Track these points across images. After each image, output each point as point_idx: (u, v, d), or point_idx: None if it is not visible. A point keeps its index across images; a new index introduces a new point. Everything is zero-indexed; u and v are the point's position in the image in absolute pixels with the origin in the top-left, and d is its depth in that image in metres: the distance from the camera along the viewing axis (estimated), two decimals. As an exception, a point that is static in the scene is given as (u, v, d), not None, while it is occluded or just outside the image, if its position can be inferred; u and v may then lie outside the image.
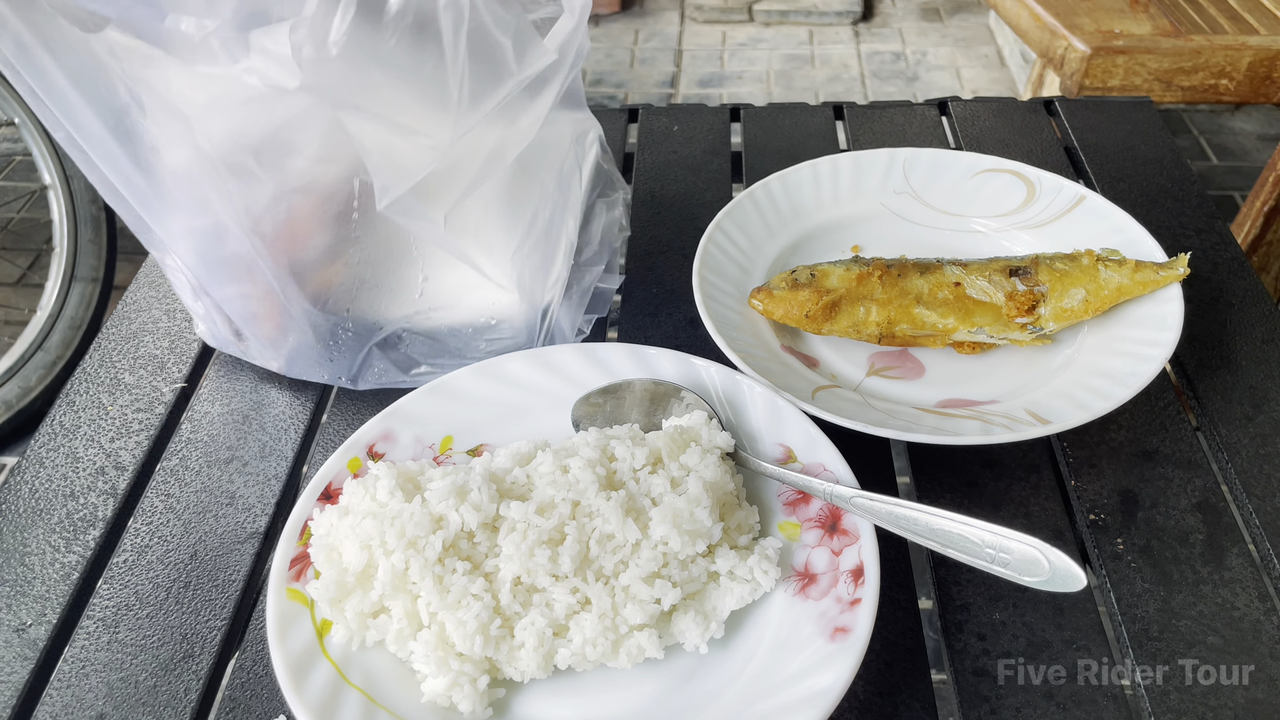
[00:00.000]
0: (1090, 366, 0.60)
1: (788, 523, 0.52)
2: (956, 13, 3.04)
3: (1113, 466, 0.58)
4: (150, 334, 0.71)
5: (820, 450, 0.53)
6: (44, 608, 0.53)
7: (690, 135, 0.90)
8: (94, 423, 0.64)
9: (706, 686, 0.46)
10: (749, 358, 0.58)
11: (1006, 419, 0.57)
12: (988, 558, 0.45)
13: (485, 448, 0.57)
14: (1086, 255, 0.63)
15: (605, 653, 0.46)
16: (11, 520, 0.58)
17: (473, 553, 0.48)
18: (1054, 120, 0.90)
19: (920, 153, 0.77)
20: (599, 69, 2.81)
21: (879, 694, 0.48)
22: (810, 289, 0.63)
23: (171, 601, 0.53)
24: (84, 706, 0.48)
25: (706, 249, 0.68)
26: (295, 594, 0.48)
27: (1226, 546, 0.53)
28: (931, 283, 0.63)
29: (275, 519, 0.58)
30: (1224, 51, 1.30)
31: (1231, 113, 2.41)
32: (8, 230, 2.15)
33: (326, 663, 0.46)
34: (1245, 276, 0.71)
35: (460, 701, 0.45)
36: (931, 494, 0.57)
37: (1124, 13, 1.41)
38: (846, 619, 0.46)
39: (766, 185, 0.74)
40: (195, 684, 0.49)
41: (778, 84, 2.72)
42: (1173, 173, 0.82)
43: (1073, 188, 0.72)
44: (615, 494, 0.49)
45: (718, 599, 0.48)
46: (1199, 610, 0.50)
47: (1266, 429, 0.59)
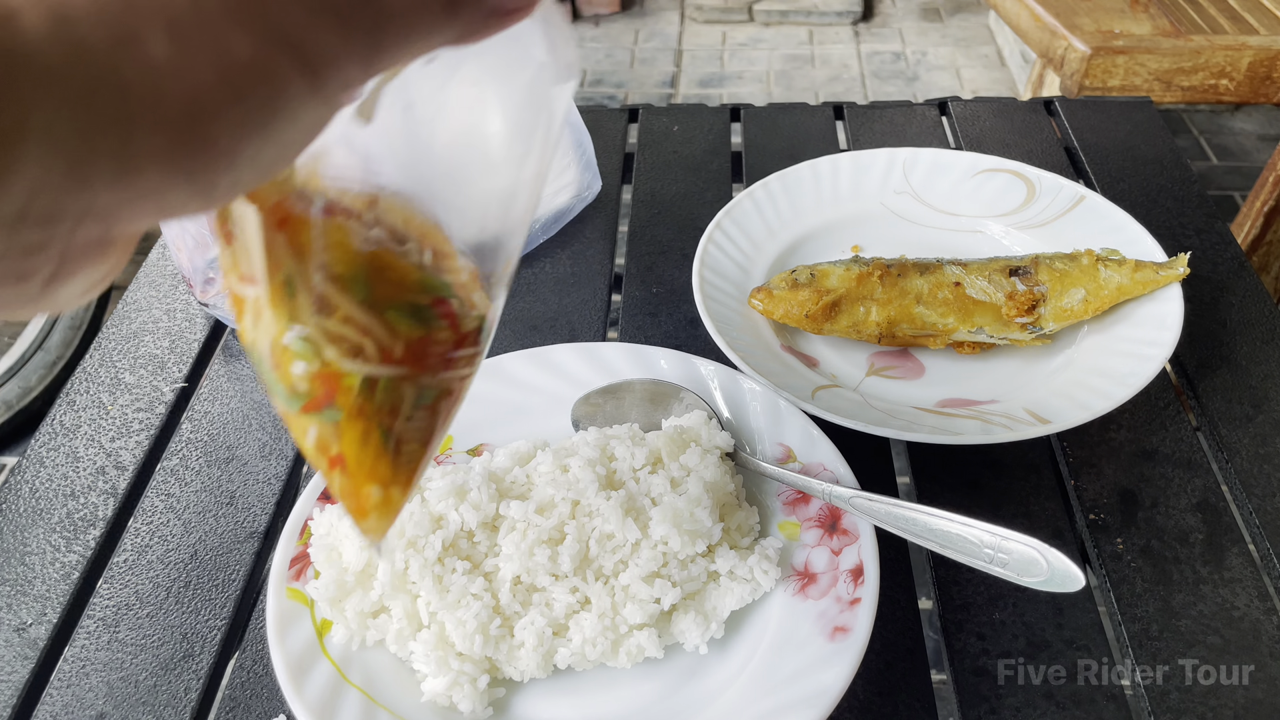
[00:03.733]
0: (1090, 366, 0.60)
1: (787, 522, 0.52)
2: (956, 13, 3.04)
3: (1113, 466, 0.58)
4: (150, 334, 0.71)
5: (820, 450, 0.53)
6: (44, 607, 0.53)
7: (690, 135, 0.90)
8: (94, 422, 0.64)
9: (706, 686, 0.46)
10: (749, 358, 0.58)
11: (1006, 419, 0.57)
12: (986, 558, 0.45)
13: (485, 447, 0.57)
14: (1086, 255, 0.63)
15: (605, 652, 0.46)
16: (12, 520, 0.58)
17: (472, 552, 0.48)
18: (1054, 120, 0.90)
19: (920, 153, 0.77)
20: (599, 69, 2.81)
21: (879, 694, 0.48)
22: (810, 289, 0.63)
23: (172, 601, 0.53)
24: (84, 706, 0.49)
25: (706, 249, 0.68)
26: (295, 593, 0.48)
27: (1226, 546, 0.53)
28: (931, 282, 0.63)
29: (275, 519, 0.58)
30: (1224, 51, 1.30)
31: (1231, 113, 2.41)
32: (8, 230, 2.14)
33: (326, 662, 0.46)
34: (1245, 276, 0.71)
35: (460, 701, 0.45)
36: (931, 494, 0.57)
37: (1124, 13, 1.41)
38: (846, 619, 0.46)
39: (766, 185, 0.74)
40: (195, 683, 0.49)
41: (778, 84, 2.72)
42: (1173, 173, 0.82)
43: (1073, 187, 0.72)
44: (615, 493, 0.49)
45: (718, 599, 0.48)
46: (1199, 610, 0.50)
47: (1266, 429, 0.59)
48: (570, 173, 0.76)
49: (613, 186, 0.83)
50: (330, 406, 0.28)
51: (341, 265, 0.27)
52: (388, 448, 0.30)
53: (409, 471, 0.31)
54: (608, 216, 0.81)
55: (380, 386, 0.29)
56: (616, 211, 0.82)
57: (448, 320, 0.30)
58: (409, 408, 0.30)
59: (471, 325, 0.30)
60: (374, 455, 0.30)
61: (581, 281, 0.74)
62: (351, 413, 0.29)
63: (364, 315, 0.28)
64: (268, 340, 0.28)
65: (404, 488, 0.31)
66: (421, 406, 0.30)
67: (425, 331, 0.29)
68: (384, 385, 0.29)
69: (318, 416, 0.29)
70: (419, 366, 0.29)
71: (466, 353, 0.30)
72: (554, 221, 0.77)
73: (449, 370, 0.30)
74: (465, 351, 0.30)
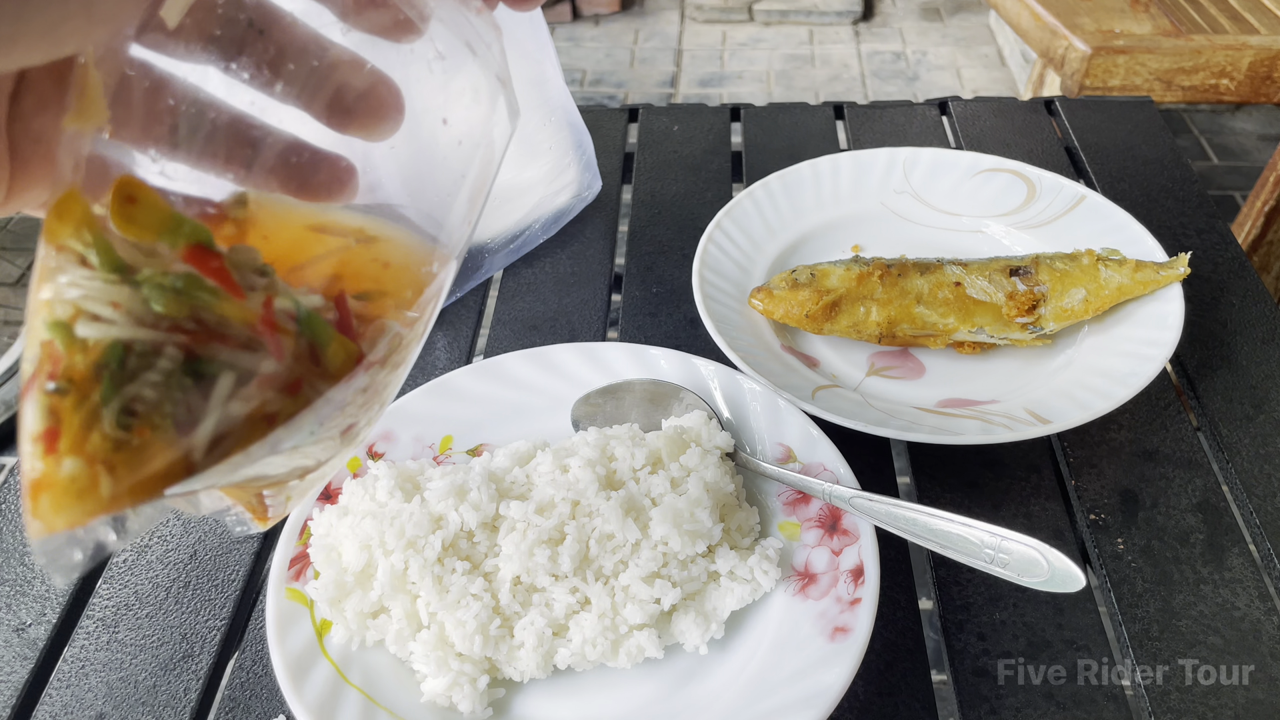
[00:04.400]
0: (1091, 366, 0.60)
1: (788, 522, 0.52)
2: (957, 12, 3.04)
3: (1113, 466, 0.58)
4: (150, 334, 0.71)
5: (820, 450, 0.53)
6: (44, 607, 0.53)
7: (690, 135, 0.90)
8: (94, 422, 0.64)
9: (706, 686, 0.46)
10: (749, 358, 0.58)
11: (1007, 419, 0.57)
12: (987, 558, 0.45)
13: (485, 447, 0.57)
14: (1087, 255, 0.63)
15: (605, 652, 0.46)
16: (11, 520, 0.58)
17: (472, 552, 0.48)
18: (1054, 120, 0.90)
19: (920, 152, 0.77)
20: (599, 69, 2.81)
21: (879, 694, 0.48)
22: (810, 289, 0.63)
23: (171, 601, 0.53)
24: (83, 706, 0.48)
25: (706, 249, 0.68)
26: (295, 594, 0.48)
27: (1227, 546, 0.53)
28: (932, 282, 0.63)
29: (275, 519, 0.58)
30: (1225, 51, 1.30)
31: (1232, 112, 2.41)
32: (7, 230, 2.15)
33: (326, 662, 0.46)
34: (1246, 276, 0.71)
35: (460, 701, 0.45)
36: (932, 494, 0.57)
37: (1124, 12, 1.41)
38: (846, 619, 0.46)
39: (766, 185, 0.74)
40: (195, 684, 0.49)
41: (778, 84, 2.72)
42: (1173, 172, 0.82)
43: (1073, 187, 0.72)
44: (615, 494, 0.49)
45: (718, 599, 0.48)
46: (1199, 610, 0.50)
47: (1267, 429, 0.59)
48: (570, 173, 0.76)
49: (613, 186, 0.83)
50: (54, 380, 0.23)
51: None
52: (117, 430, 0.23)
53: (141, 462, 0.23)
54: (608, 216, 0.81)
55: (133, 358, 0.23)
56: (616, 211, 0.81)
57: (221, 281, 0.25)
58: (171, 385, 0.23)
59: (282, 305, 0.25)
60: (98, 438, 0.23)
61: (581, 281, 0.74)
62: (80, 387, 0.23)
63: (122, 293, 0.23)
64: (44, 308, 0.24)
65: (122, 479, 0.23)
66: (185, 381, 0.23)
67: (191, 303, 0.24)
68: (136, 357, 0.23)
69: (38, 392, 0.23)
70: (211, 340, 0.24)
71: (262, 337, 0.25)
72: (554, 221, 0.77)
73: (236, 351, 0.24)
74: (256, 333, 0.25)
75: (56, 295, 0.23)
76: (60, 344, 0.23)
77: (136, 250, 0.24)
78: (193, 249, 0.25)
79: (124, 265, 0.24)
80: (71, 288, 0.23)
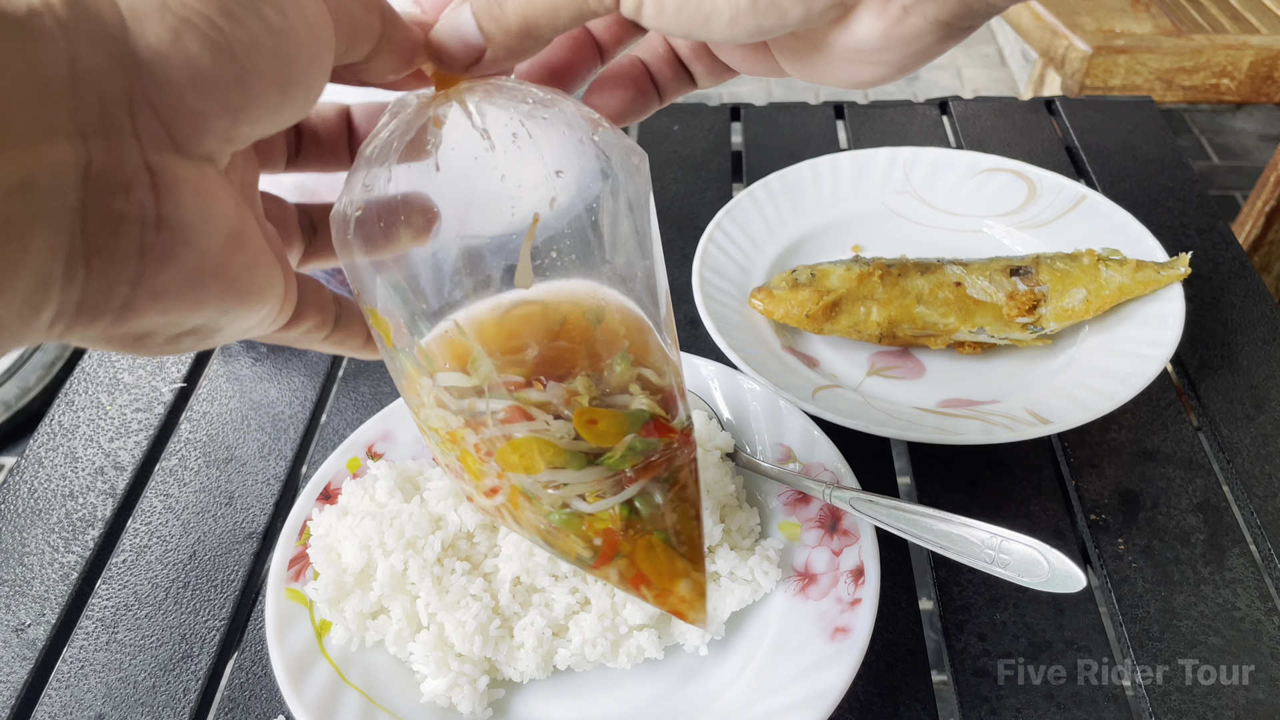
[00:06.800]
0: (1091, 366, 0.60)
1: (788, 523, 0.52)
2: (957, 12, 3.03)
3: (1114, 466, 0.58)
4: (149, 333, 0.71)
5: (820, 450, 0.53)
6: (43, 608, 0.53)
7: (690, 135, 0.90)
8: (93, 422, 0.64)
9: (706, 687, 0.46)
10: (749, 358, 0.58)
11: (1007, 419, 0.56)
12: (987, 559, 0.45)
13: (485, 448, 0.57)
14: (1087, 255, 0.63)
15: (605, 653, 0.46)
16: (10, 520, 0.58)
17: (472, 553, 0.48)
18: (1055, 120, 0.90)
19: (921, 152, 0.76)
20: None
21: (879, 694, 0.48)
22: (810, 289, 0.63)
23: (170, 602, 0.53)
24: (83, 706, 0.48)
25: (706, 248, 0.68)
26: (294, 594, 0.48)
27: (1227, 547, 0.53)
28: (932, 282, 0.63)
29: (274, 519, 0.57)
30: (1225, 51, 1.30)
31: (1233, 112, 2.41)
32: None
33: (325, 663, 0.46)
34: (1246, 276, 0.71)
35: (460, 702, 0.45)
36: (932, 494, 0.57)
37: (1125, 12, 1.40)
38: (847, 619, 0.45)
39: (767, 184, 0.74)
40: (194, 684, 0.49)
41: (778, 83, 2.72)
42: (1174, 172, 0.82)
43: (1074, 187, 0.71)
44: (615, 494, 0.49)
45: (718, 600, 0.48)
46: (1200, 610, 0.50)
47: (1268, 429, 0.59)
48: (570, 172, 0.76)
49: (613, 186, 0.83)
50: (616, 554, 0.35)
51: (559, 459, 0.33)
52: (670, 546, 0.35)
53: (694, 549, 0.36)
54: (608, 216, 0.80)
55: (636, 504, 0.34)
56: (616, 211, 0.81)
57: (658, 428, 0.35)
58: (665, 504, 0.35)
59: (680, 425, 0.36)
60: (665, 559, 0.35)
61: (581, 281, 0.74)
62: (630, 542, 0.35)
63: (598, 473, 0.34)
64: (532, 529, 0.35)
65: (698, 565, 0.36)
66: (671, 495, 0.35)
67: (643, 456, 0.35)
68: (638, 501, 0.34)
69: (612, 564, 0.35)
70: (651, 472, 0.35)
71: (682, 442, 0.36)
72: (554, 221, 0.77)
73: (678, 458, 0.36)
74: (681, 442, 0.36)
75: (553, 501, 0.34)
76: (594, 529, 0.34)
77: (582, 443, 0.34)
78: (647, 425, 0.35)
79: (587, 460, 0.34)
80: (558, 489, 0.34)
